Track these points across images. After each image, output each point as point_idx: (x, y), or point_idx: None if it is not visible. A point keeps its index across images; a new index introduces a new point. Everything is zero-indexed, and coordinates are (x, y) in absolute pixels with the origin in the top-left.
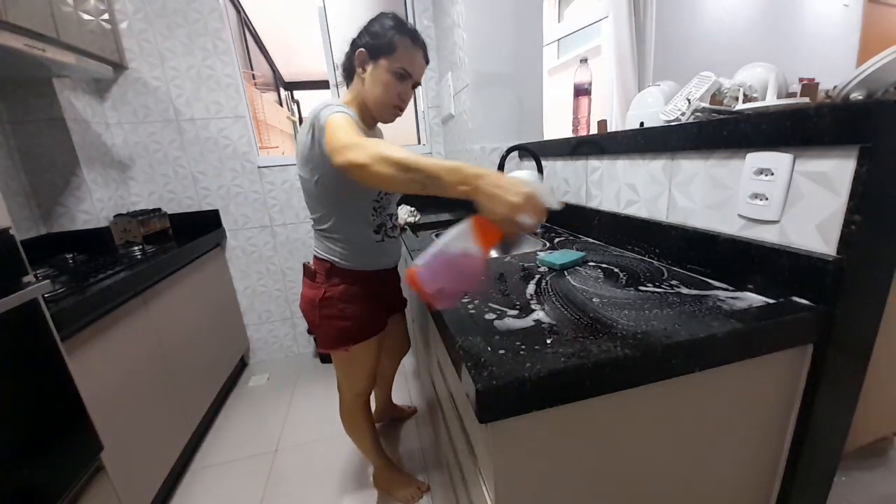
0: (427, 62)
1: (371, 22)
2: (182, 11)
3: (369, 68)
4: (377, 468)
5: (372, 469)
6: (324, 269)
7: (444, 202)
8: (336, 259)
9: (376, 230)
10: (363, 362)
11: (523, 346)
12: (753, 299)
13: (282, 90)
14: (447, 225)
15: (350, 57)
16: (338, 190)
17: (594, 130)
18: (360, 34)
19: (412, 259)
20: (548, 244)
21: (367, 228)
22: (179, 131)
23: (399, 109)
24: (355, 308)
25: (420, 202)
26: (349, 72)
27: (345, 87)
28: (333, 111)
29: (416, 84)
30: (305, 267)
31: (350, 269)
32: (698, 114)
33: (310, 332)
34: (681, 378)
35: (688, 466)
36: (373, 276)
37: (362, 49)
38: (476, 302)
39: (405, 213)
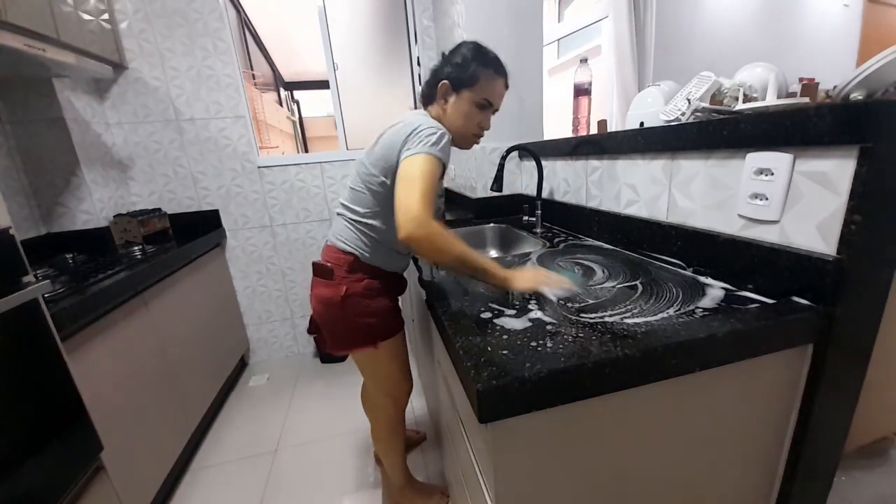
0: (507, 87)
1: (453, 52)
2: (182, 11)
3: (451, 100)
4: (398, 486)
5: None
6: (346, 262)
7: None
8: (362, 253)
9: None
10: (394, 358)
11: (523, 346)
12: (753, 299)
13: (282, 90)
14: (458, 224)
15: (432, 86)
16: None
17: (594, 130)
18: (443, 64)
19: (422, 269)
20: (548, 244)
21: None
22: (179, 131)
23: (478, 138)
24: (380, 303)
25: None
26: (429, 98)
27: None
28: (436, 152)
29: (496, 110)
30: (318, 266)
31: (371, 265)
32: (698, 114)
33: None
34: (681, 378)
35: (688, 466)
36: (390, 274)
37: (445, 81)
38: (476, 302)
39: None
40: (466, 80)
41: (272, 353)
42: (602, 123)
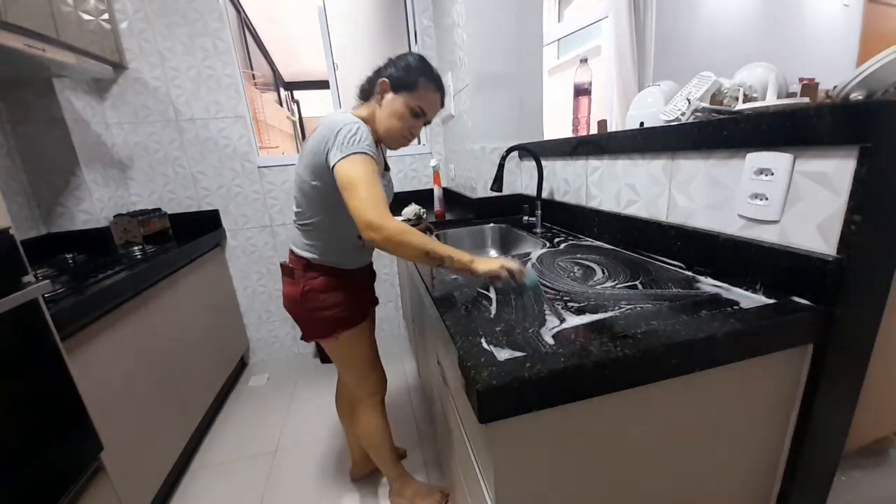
0: (442, 106)
1: (399, 57)
2: (182, 11)
3: (388, 97)
4: (396, 484)
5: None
6: (301, 264)
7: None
8: (313, 255)
9: (360, 235)
10: (361, 350)
11: (523, 346)
12: (753, 299)
13: (282, 90)
14: (457, 224)
15: (371, 82)
16: (336, 198)
17: (594, 130)
18: (387, 65)
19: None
20: (548, 244)
21: (353, 233)
22: (179, 131)
23: (406, 141)
24: (336, 297)
25: (428, 204)
26: (366, 94)
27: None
28: (362, 148)
29: (427, 123)
30: (283, 266)
31: (322, 264)
32: (698, 114)
33: None
34: (681, 378)
35: (688, 466)
36: (346, 270)
37: (385, 79)
38: (477, 302)
39: (411, 212)
40: (407, 84)
41: (272, 353)
42: (602, 123)
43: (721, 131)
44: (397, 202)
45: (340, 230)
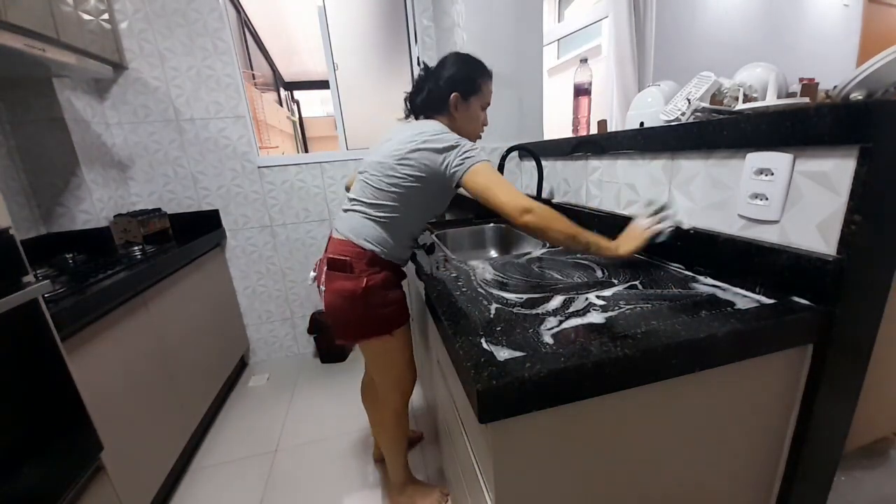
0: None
1: (444, 67)
2: (182, 11)
3: (462, 107)
4: (398, 484)
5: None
6: (365, 258)
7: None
8: (382, 249)
9: (422, 230)
10: (405, 347)
11: (523, 346)
12: (753, 299)
13: (282, 90)
14: (458, 224)
15: (440, 98)
16: (429, 200)
17: (594, 130)
18: (448, 78)
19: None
20: (548, 243)
21: (419, 231)
22: (179, 131)
23: (481, 133)
24: (395, 294)
25: None
26: (435, 110)
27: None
28: (481, 158)
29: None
30: (336, 261)
31: (388, 259)
32: (698, 114)
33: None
34: (681, 378)
35: (688, 466)
36: (399, 265)
37: (457, 94)
38: (476, 301)
39: None
40: (473, 89)
41: (272, 353)
42: (602, 123)
43: (721, 131)
44: None
45: (412, 228)
